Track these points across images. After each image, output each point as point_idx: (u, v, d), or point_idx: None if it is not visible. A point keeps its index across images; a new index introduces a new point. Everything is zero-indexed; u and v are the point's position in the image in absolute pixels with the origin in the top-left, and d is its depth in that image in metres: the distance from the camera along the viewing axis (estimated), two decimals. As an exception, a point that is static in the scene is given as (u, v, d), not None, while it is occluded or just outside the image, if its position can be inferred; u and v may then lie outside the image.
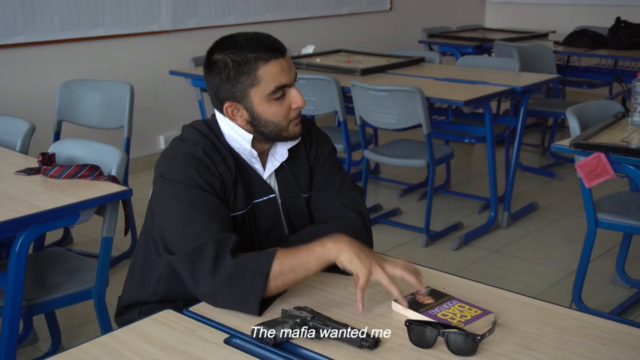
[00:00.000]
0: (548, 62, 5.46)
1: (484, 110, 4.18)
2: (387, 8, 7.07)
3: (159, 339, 1.52)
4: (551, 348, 1.47)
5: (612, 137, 2.98)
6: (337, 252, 1.60)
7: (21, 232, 2.19)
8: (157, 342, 1.51)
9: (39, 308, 2.47)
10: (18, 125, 3.08)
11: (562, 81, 5.96)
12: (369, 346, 1.46)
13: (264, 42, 1.79)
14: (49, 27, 4.85)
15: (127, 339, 1.53)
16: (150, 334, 1.55)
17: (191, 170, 1.74)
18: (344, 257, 1.59)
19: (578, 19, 7.08)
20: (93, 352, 1.48)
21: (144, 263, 1.95)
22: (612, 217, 3.14)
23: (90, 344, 1.51)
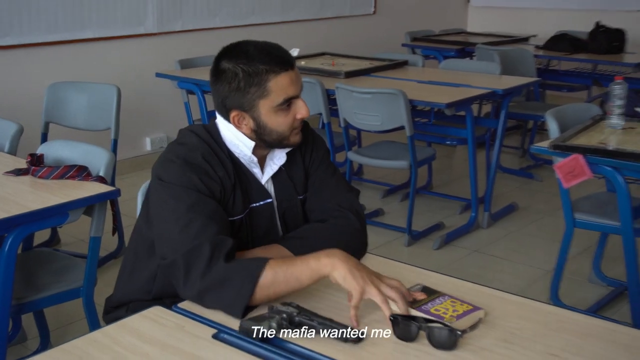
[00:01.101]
0: (528, 65, 5.49)
1: (466, 113, 4.21)
2: (371, 12, 7.10)
3: (149, 335, 1.54)
4: (530, 342, 1.50)
5: (590, 139, 3.01)
6: (332, 268, 1.59)
7: (10, 232, 2.19)
8: (147, 337, 1.53)
9: (28, 307, 2.48)
10: (6, 126, 3.07)
11: (542, 84, 5.99)
12: (354, 340, 1.49)
13: (275, 53, 1.79)
14: (36, 29, 4.84)
15: (117, 335, 1.54)
16: (140, 330, 1.56)
17: (190, 174, 1.74)
18: (338, 274, 1.58)
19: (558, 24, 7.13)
20: (84, 347, 1.49)
21: (135, 263, 1.95)
22: (590, 217, 3.17)
23: (81, 340, 1.52)
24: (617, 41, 5.88)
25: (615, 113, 3.20)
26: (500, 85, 4.39)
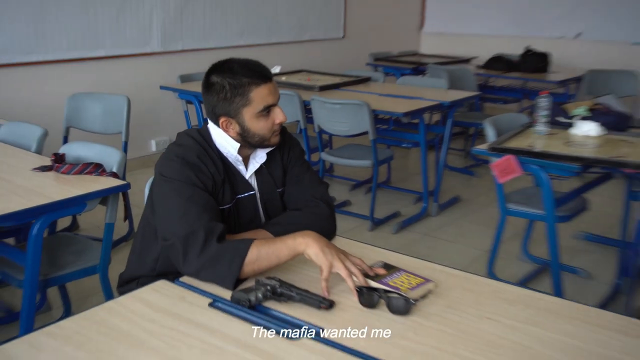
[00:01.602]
0: (470, 82, 5.52)
1: (419, 121, 4.23)
2: (340, 36, 7.11)
3: (155, 304, 1.54)
4: (470, 308, 1.53)
5: (520, 142, 3.03)
6: (305, 246, 1.61)
7: (37, 219, 2.19)
8: (154, 306, 1.54)
9: (52, 281, 2.47)
10: (33, 130, 3.05)
11: (482, 98, 6.01)
12: (326, 307, 1.51)
13: (256, 69, 1.80)
14: (58, 48, 4.79)
15: (130, 304, 1.55)
16: (148, 300, 1.57)
17: (187, 171, 1.75)
18: (311, 251, 1.60)
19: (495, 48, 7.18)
20: (102, 314, 1.50)
21: (142, 246, 1.96)
22: (519, 206, 3.21)
23: (100, 308, 1.52)
24: (543, 62, 5.96)
25: (541, 122, 3.23)
26: (447, 98, 4.42)
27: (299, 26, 6.63)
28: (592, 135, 3.13)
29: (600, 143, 3.04)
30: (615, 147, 2.96)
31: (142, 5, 5.27)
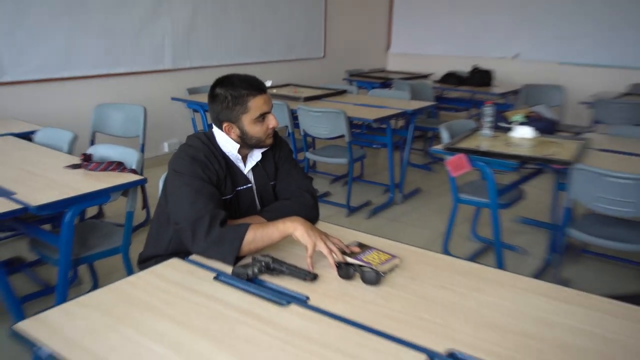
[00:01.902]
0: (428, 94, 5.54)
1: (386, 126, 4.24)
2: (321, 55, 7.10)
3: (169, 278, 1.54)
4: (429, 279, 1.54)
5: (469, 143, 3.06)
6: (293, 229, 1.62)
7: (69, 209, 2.17)
8: (168, 279, 1.53)
9: (82, 260, 2.44)
10: (65, 135, 3.02)
11: (437, 107, 6.04)
12: (311, 279, 1.52)
13: (252, 82, 1.81)
14: (85, 66, 4.74)
15: (147, 278, 1.54)
16: (163, 274, 1.56)
17: (196, 167, 1.75)
18: (298, 233, 1.61)
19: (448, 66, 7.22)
20: (124, 287, 1.49)
21: (158, 230, 1.94)
22: (469, 196, 3.23)
23: (122, 282, 1.52)
24: (487, 78, 6.00)
25: (486, 126, 3.25)
26: (410, 107, 4.43)
27: (287, 47, 6.62)
28: (528, 137, 3.16)
29: (534, 144, 3.07)
30: (546, 147, 2.99)
31: (156, 30, 5.22)
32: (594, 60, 6.56)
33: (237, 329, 1.30)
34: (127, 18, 4.97)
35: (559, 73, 6.75)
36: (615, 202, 2.55)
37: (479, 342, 1.26)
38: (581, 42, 6.60)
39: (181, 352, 1.22)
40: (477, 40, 7.38)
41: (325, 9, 7.01)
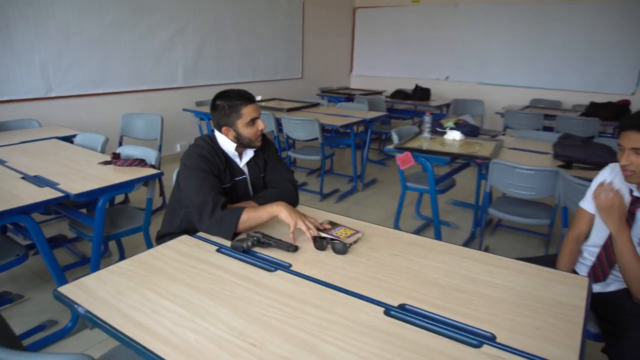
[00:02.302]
0: (382, 106, 5.54)
1: (350, 131, 4.23)
2: (300, 76, 7.03)
3: (181, 250, 1.50)
4: (384, 248, 1.52)
5: (414, 143, 3.05)
6: (279, 211, 1.59)
7: (102, 196, 2.10)
8: (180, 251, 1.49)
9: (112, 237, 2.37)
10: (98, 138, 2.92)
11: (389, 116, 6.05)
12: (293, 250, 1.49)
13: (244, 94, 1.78)
14: (116, 84, 4.59)
15: (164, 251, 1.50)
16: (176, 248, 1.52)
17: (201, 162, 1.70)
18: (282, 214, 1.58)
19: (397, 85, 7.24)
20: (145, 258, 1.44)
21: (172, 212, 1.89)
22: (414, 184, 3.22)
23: (144, 254, 1.47)
24: (426, 94, 6.02)
25: (426, 131, 3.26)
26: (368, 116, 4.42)
27: (273, 70, 6.54)
28: (457, 139, 3.17)
29: (462, 144, 3.08)
30: (471, 146, 3.00)
31: (171, 56, 5.09)
32: (504, 81, 6.64)
33: (235, 290, 1.27)
34: (148, 48, 4.84)
35: (479, 91, 6.82)
36: (522, 187, 2.57)
37: (423, 296, 1.25)
38: (495, 67, 6.67)
39: (190, 308, 1.18)
40: (418, 65, 7.40)
41: (303, 41, 6.95)
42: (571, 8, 5.97)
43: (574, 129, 4.35)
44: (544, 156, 2.82)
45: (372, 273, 1.37)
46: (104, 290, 1.25)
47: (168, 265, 1.39)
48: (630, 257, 1.52)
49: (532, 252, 3.17)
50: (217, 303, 1.20)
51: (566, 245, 1.77)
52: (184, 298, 1.22)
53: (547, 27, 6.16)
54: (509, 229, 3.58)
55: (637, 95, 5.75)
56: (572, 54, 6.05)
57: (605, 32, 5.79)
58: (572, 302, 1.21)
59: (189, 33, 5.22)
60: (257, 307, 1.19)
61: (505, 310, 1.18)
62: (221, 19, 5.58)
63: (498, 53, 6.60)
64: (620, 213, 1.54)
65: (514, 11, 6.36)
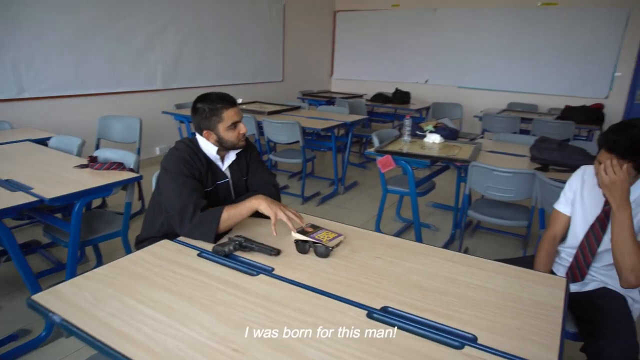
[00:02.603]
0: (363, 109, 5.56)
1: (331, 134, 4.23)
2: (280, 79, 7.02)
3: (161, 255, 1.47)
4: (366, 251, 1.53)
5: (394, 147, 3.07)
6: (258, 204, 1.58)
7: (78, 200, 2.05)
8: (161, 256, 1.46)
9: (89, 242, 2.32)
10: (74, 140, 2.85)
11: (370, 119, 6.08)
12: (275, 254, 1.48)
13: (225, 97, 1.76)
14: (92, 86, 4.51)
15: (143, 256, 1.47)
16: (155, 252, 1.49)
17: (181, 165, 1.68)
18: (262, 206, 1.57)
19: (377, 88, 7.29)
20: (124, 263, 1.41)
21: (152, 216, 1.86)
22: (394, 187, 3.24)
23: (122, 259, 1.44)
24: (406, 97, 6.06)
25: (406, 134, 3.28)
26: (349, 119, 4.44)
27: (254, 73, 6.51)
28: (436, 142, 3.21)
29: (441, 147, 3.12)
30: (450, 150, 3.04)
31: (150, 58, 5.02)
32: (482, 85, 6.76)
33: (217, 295, 1.25)
34: (126, 49, 4.76)
35: (458, 94, 6.93)
36: (500, 190, 2.62)
37: (405, 299, 1.25)
38: (473, 71, 6.79)
39: (170, 314, 1.16)
40: (398, 69, 7.47)
41: (283, 44, 6.94)
42: (546, 13, 6.12)
43: (550, 132, 4.46)
44: (521, 159, 2.88)
45: (355, 276, 1.37)
46: (80, 297, 1.22)
47: (148, 271, 1.37)
48: (628, 235, 1.49)
49: (510, 253, 3.22)
50: (199, 308, 1.19)
51: (542, 246, 1.81)
52: (165, 304, 1.20)
53: (523, 32, 6.30)
54: (488, 231, 3.64)
55: (610, 99, 5.93)
56: (548, 59, 6.21)
57: (580, 38, 5.96)
58: (551, 303, 1.24)
59: (168, 34, 5.16)
60: (239, 312, 1.17)
61: (485, 311, 1.20)
62: (201, 21, 5.53)
63: (476, 57, 6.72)
64: (622, 189, 1.49)
65: (491, 16, 6.49)
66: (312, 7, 7.43)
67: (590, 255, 1.68)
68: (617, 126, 1.54)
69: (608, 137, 1.53)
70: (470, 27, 6.67)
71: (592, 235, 1.68)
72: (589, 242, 1.68)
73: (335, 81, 8.22)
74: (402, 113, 5.96)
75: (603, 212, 1.65)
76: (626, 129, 1.51)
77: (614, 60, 5.81)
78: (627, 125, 1.51)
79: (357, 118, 4.57)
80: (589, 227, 1.69)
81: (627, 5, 5.65)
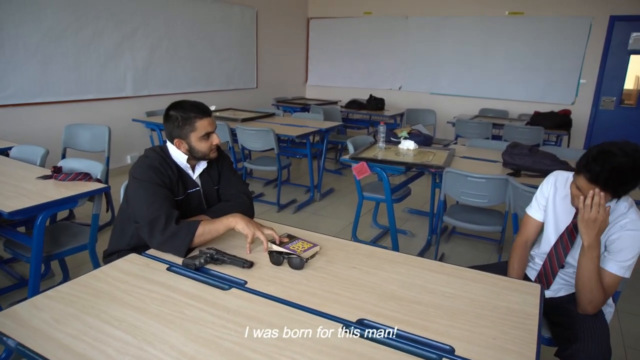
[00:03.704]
0: (337, 116, 5.57)
1: (306, 141, 4.21)
2: (254, 86, 6.96)
3: (127, 270, 1.41)
4: (342, 261, 1.50)
5: (369, 153, 3.07)
6: (235, 223, 1.54)
7: (40, 213, 1.95)
8: (127, 271, 1.40)
9: (55, 256, 2.21)
10: (37, 150, 2.73)
11: (345, 126, 6.11)
12: (248, 267, 1.44)
13: (200, 107, 1.71)
14: (57, 93, 4.35)
15: (108, 271, 1.40)
16: (122, 268, 1.43)
17: (151, 174, 1.62)
18: (239, 226, 1.54)
19: (351, 95, 7.33)
20: (88, 280, 1.34)
21: (121, 228, 1.79)
22: (370, 194, 3.24)
23: (86, 276, 1.37)
24: (381, 104, 6.10)
25: (381, 141, 3.29)
26: (324, 126, 4.43)
27: (227, 80, 6.44)
28: (411, 148, 3.22)
29: (416, 153, 3.13)
30: (425, 156, 3.06)
31: (119, 64, 4.89)
32: (454, 92, 6.87)
33: (186, 311, 1.20)
34: (94, 54, 4.63)
35: (431, 100, 7.02)
36: (474, 195, 2.64)
37: (381, 310, 1.23)
38: (445, 78, 6.90)
39: (137, 334, 1.10)
40: (372, 75, 7.53)
41: (257, 50, 6.90)
42: (513, 22, 6.28)
43: (521, 137, 4.56)
44: (494, 164, 2.91)
45: (330, 287, 1.34)
46: (39, 318, 1.15)
47: (113, 287, 1.30)
48: (594, 273, 1.52)
49: (485, 258, 3.26)
50: (167, 326, 1.13)
51: (515, 251, 1.82)
52: (131, 323, 1.14)
53: (492, 40, 6.45)
54: (463, 236, 3.67)
55: (577, 105, 6.11)
56: (516, 66, 6.36)
57: (546, 46, 6.13)
58: (526, 310, 1.23)
59: (137, 40, 5.05)
60: (210, 329, 1.13)
61: (462, 321, 1.19)
62: (172, 26, 5.44)
63: (448, 64, 6.83)
64: (600, 230, 1.50)
65: (461, 23, 6.62)
66: (286, 14, 7.42)
67: (557, 266, 1.71)
68: (598, 154, 1.47)
69: (590, 168, 1.47)
70: (441, 35, 6.78)
71: (560, 246, 1.70)
72: (557, 252, 1.71)
73: (309, 88, 8.22)
74: (377, 119, 5.99)
75: (572, 224, 1.68)
76: (608, 158, 1.44)
77: (578, 68, 6.00)
78: (607, 154, 1.44)
79: (332, 125, 4.56)
80: (559, 236, 1.71)
81: (589, 15, 5.86)
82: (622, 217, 1.55)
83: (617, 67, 5.91)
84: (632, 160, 1.41)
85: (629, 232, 1.52)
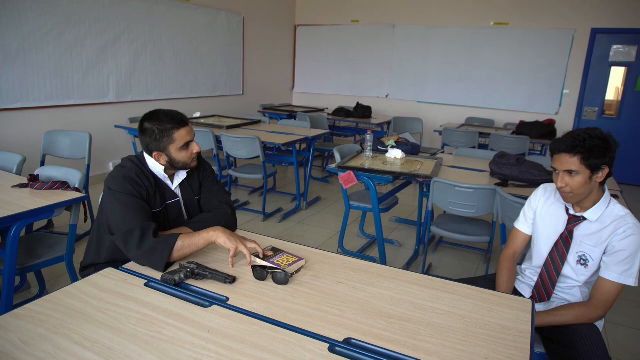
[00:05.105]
0: (324, 123, 5.54)
1: (292, 148, 4.17)
2: (240, 93, 6.91)
3: (103, 286, 1.34)
4: (328, 275, 1.46)
5: (356, 162, 3.04)
6: (216, 237, 1.48)
7: (14, 224, 1.87)
8: (102, 287, 1.33)
9: (31, 268, 2.12)
10: (14, 157, 2.64)
11: (331, 134, 6.09)
12: (230, 282, 1.38)
13: (176, 117, 1.64)
14: (38, 98, 4.24)
15: (83, 287, 1.33)
16: (97, 283, 1.36)
17: (127, 185, 1.56)
18: (221, 240, 1.48)
19: (338, 102, 7.32)
20: (60, 297, 1.27)
21: (97, 240, 1.72)
22: (357, 203, 3.20)
23: (58, 292, 1.29)
24: (368, 112, 6.10)
25: (368, 149, 3.26)
26: (310, 134, 4.39)
27: (212, 86, 6.37)
28: (398, 157, 3.20)
29: (403, 162, 3.11)
30: (412, 165, 3.04)
31: (102, 70, 4.80)
32: (441, 100, 6.91)
33: (164, 331, 1.14)
34: (76, 60, 4.53)
35: (418, 109, 7.05)
36: (462, 206, 2.62)
37: (369, 328, 1.18)
38: (432, 87, 6.93)
39: (110, 356, 1.04)
40: (359, 83, 7.53)
41: (243, 57, 6.85)
42: (498, 33, 6.35)
43: (507, 146, 4.58)
44: (482, 174, 2.90)
45: (316, 304, 1.29)
46: (5, 340, 1.08)
47: (87, 305, 1.23)
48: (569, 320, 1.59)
49: (473, 268, 3.24)
50: (142, 348, 1.07)
51: (503, 264, 1.79)
52: (104, 344, 1.08)
53: (478, 49, 6.51)
54: (451, 246, 3.65)
55: (561, 115, 6.19)
56: (502, 75, 6.43)
57: (530, 56, 6.21)
58: (518, 327, 1.20)
59: (121, 45, 4.97)
60: (189, 350, 1.07)
61: (453, 339, 1.15)
62: (157, 31, 5.37)
63: (434, 73, 6.87)
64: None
65: (447, 33, 6.67)
66: (273, 20, 7.40)
67: (555, 274, 1.67)
68: (565, 134, 1.56)
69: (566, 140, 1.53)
70: (428, 44, 6.83)
71: (556, 254, 1.67)
72: (553, 260, 1.68)
73: (296, 95, 8.19)
74: (364, 127, 5.98)
75: (566, 230, 1.65)
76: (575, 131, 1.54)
77: (562, 78, 6.09)
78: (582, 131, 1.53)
79: (319, 132, 4.53)
80: (553, 244, 1.68)
81: (571, 28, 5.95)
82: (621, 220, 1.54)
83: (599, 78, 6.01)
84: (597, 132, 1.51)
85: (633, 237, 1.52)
